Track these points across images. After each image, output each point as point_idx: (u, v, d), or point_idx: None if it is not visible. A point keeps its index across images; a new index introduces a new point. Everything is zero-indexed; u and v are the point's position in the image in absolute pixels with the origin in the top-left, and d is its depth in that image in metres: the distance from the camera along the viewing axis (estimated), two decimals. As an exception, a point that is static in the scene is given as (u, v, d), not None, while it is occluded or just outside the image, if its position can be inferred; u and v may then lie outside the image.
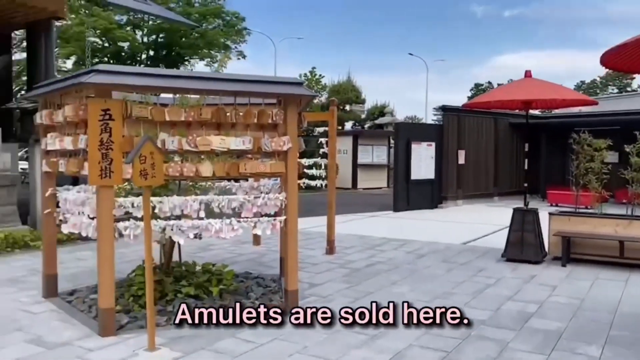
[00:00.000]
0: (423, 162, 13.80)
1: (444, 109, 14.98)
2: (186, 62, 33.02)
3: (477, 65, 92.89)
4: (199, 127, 4.42)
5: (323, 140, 7.53)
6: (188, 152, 4.43)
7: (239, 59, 35.52)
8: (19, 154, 13.10)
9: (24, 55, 11.96)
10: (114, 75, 4.15)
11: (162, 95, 5.87)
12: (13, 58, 14.29)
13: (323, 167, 7.59)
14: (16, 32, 13.89)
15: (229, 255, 7.33)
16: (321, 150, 7.68)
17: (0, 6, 9.34)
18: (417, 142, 13.65)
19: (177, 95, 4.93)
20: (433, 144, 14.01)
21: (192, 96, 4.89)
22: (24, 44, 13.06)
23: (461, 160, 14.76)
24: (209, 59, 32.85)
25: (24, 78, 12.75)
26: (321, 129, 7.87)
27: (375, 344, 4.06)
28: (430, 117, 44.12)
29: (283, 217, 4.64)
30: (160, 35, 31.62)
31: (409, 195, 13.48)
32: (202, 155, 4.57)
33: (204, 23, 31.39)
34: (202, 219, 4.46)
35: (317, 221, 9.74)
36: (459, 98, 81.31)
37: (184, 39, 31.56)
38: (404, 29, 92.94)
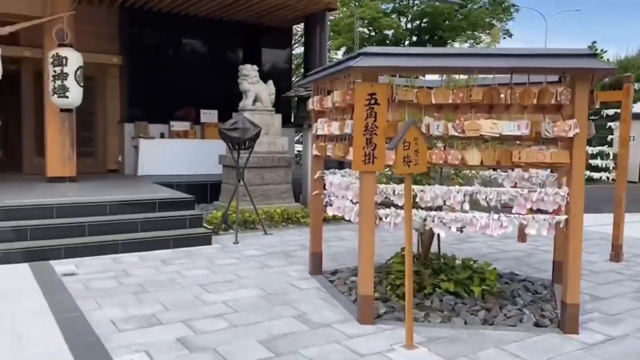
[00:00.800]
0: None
1: None
2: (448, 45, 32.61)
3: None
4: (468, 110, 3.99)
5: (613, 124, 6.31)
6: (453, 138, 4.05)
7: (505, 37, 33.67)
8: (295, 138, 14.61)
9: (302, 49, 13.13)
10: (381, 57, 4.01)
11: (427, 77, 5.60)
12: (293, 52, 15.92)
13: (611, 156, 6.37)
14: (297, 27, 15.35)
15: (490, 251, 6.74)
16: (609, 137, 6.46)
17: (283, 1, 10.25)
18: None
19: (444, 76, 4.59)
20: None
21: (461, 77, 4.47)
22: (302, 39, 14.37)
23: None
24: (471, 41, 31.85)
25: (302, 70, 14.06)
26: (610, 112, 6.58)
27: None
28: None
29: (564, 217, 3.90)
30: (424, 20, 31.81)
31: None
32: (468, 141, 4.13)
33: (469, 3, 30.48)
34: (465, 211, 4.05)
35: (596, 219, 8.35)
36: None
37: (446, 22, 31.19)
38: None
